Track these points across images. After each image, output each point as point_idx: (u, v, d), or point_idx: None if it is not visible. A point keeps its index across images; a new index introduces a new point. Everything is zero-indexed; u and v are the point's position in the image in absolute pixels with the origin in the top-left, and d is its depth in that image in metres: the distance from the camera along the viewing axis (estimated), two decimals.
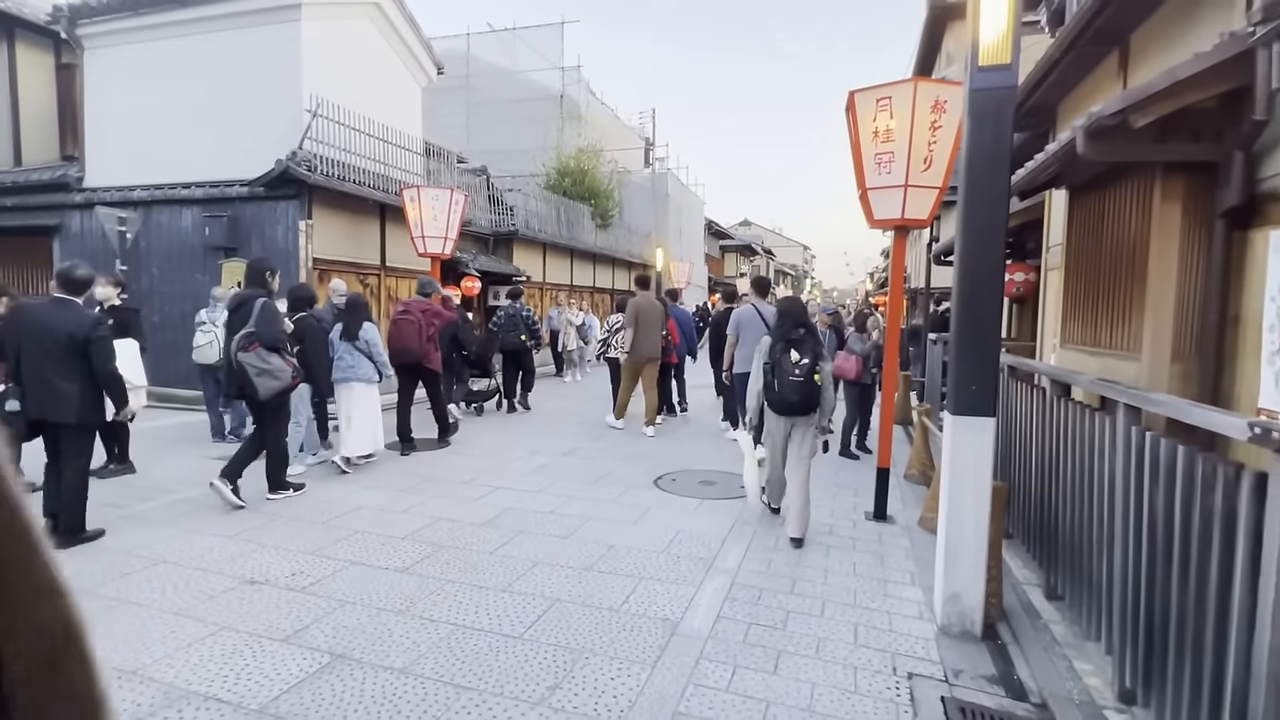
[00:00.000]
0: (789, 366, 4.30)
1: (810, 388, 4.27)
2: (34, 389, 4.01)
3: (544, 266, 15.81)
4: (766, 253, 53.38)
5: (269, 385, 4.77)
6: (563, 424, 8.45)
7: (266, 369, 4.76)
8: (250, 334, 4.76)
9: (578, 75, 22.72)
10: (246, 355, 4.73)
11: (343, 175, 9.29)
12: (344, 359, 5.89)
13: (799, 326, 4.44)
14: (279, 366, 4.82)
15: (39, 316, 4.06)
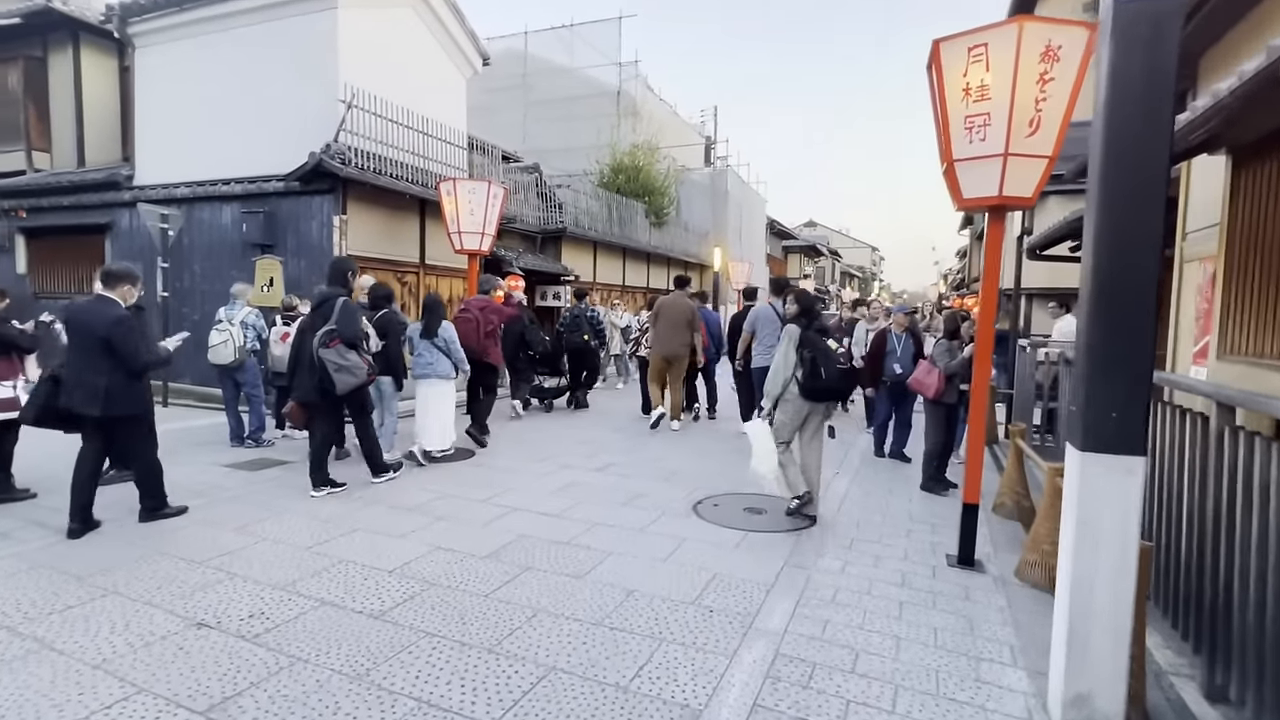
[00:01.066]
0: (834, 355, 4.51)
1: (852, 374, 4.81)
2: (69, 382, 4.13)
3: (594, 266, 15.25)
4: (832, 254, 51.54)
5: (346, 381, 4.94)
6: (602, 432, 7.78)
7: (345, 365, 4.94)
8: (331, 330, 4.93)
9: (635, 70, 22.16)
10: (327, 351, 4.91)
11: (379, 169, 8.92)
12: (423, 356, 6.04)
13: (810, 316, 4.72)
14: (356, 363, 5.01)
15: (80, 314, 4.20)
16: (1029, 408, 6.72)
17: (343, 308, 5.03)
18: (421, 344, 6.08)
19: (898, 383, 6.47)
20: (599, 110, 21.27)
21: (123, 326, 4.13)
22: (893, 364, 6.57)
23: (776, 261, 36.09)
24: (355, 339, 5.05)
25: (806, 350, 4.51)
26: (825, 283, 46.91)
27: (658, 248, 18.31)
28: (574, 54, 22.64)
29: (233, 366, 6.25)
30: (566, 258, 13.82)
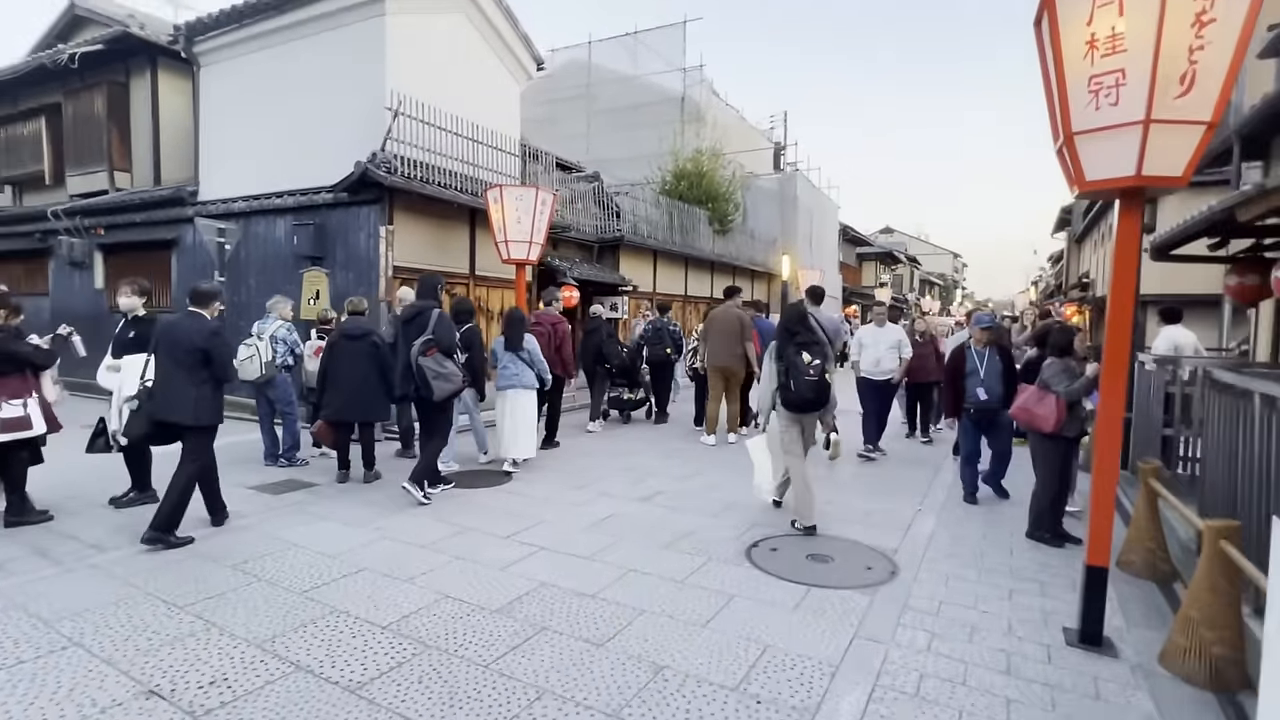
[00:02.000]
0: (803, 367, 4.62)
1: (824, 386, 4.63)
2: (160, 392, 4.32)
3: (654, 275, 14.68)
4: (910, 261, 49.23)
5: (444, 387, 5.17)
6: (651, 456, 7.15)
7: (443, 372, 5.17)
8: (429, 340, 5.18)
9: (700, 75, 21.56)
10: (426, 360, 5.13)
11: (427, 178, 8.66)
12: (508, 368, 6.25)
13: (802, 330, 4.76)
14: (453, 371, 5.25)
15: (170, 328, 4.43)
16: (1153, 438, 5.64)
17: (439, 319, 5.31)
18: (506, 356, 6.27)
19: (984, 410, 5.46)
20: (663, 118, 20.78)
21: (219, 339, 4.39)
22: (975, 387, 5.49)
23: (850, 269, 34.58)
24: (452, 348, 5.33)
25: (781, 364, 4.74)
26: (903, 291, 44.75)
27: (722, 256, 17.57)
28: (638, 61, 22.30)
29: (261, 383, 5.99)
30: (625, 267, 13.31)
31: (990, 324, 5.77)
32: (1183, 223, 5.77)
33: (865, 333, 7.57)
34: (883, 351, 7.27)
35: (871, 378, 7.34)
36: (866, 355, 7.37)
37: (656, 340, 9.34)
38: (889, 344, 7.29)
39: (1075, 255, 19.93)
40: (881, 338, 7.36)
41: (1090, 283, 15.13)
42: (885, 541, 4.55)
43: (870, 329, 7.58)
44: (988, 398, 5.43)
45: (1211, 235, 5.78)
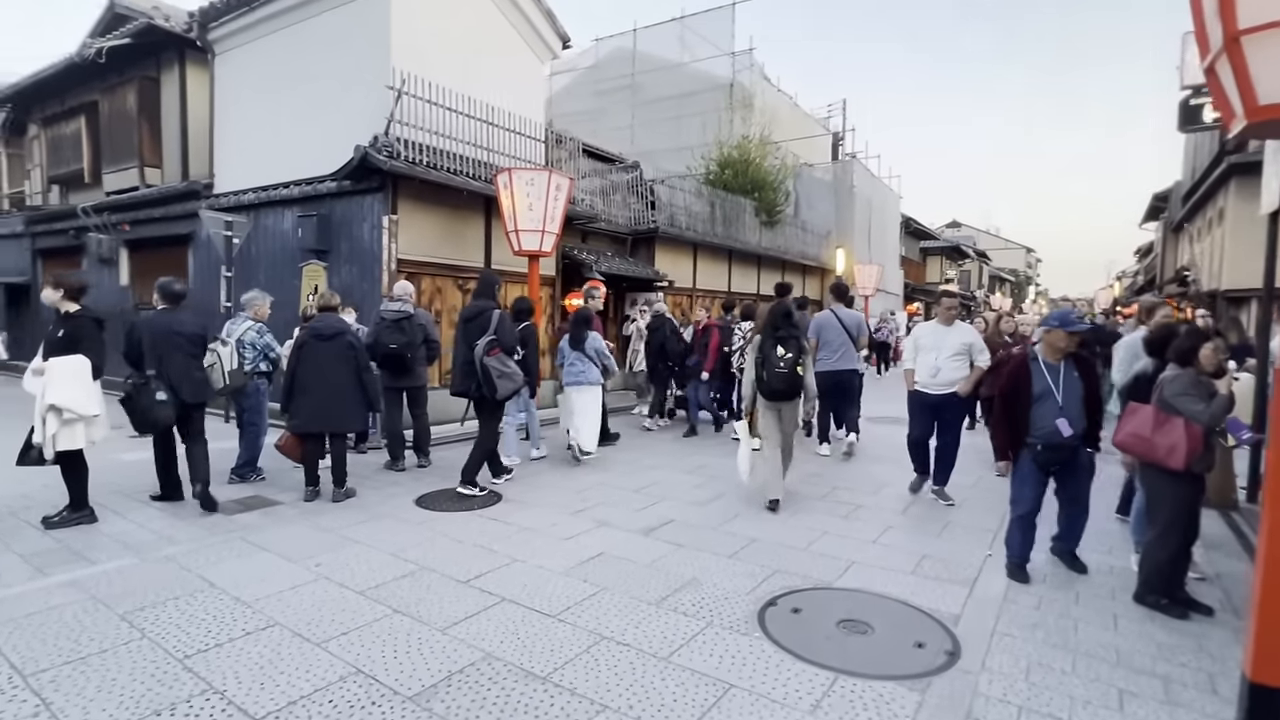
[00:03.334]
0: (775, 360, 5.05)
1: (793, 378, 5.04)
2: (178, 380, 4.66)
3: (694, 270, 13.72)
4: (979, 255, 46.46)
5: (507, 386, 5.28)
6: (673, 471, 6.25)
7: (506, 372, 5.27)
8: (493, 340, 5.25)
9: (749, 60, 20.43)
10: (490, 359, 5.21)
11: (435, 163, 7.99)
12: (575, 365, 6.52)
13: (783, 327, 5.13)
14: (515, 370, 5.35)
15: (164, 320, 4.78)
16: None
17: (501, 319, 5.37)
18: (572, 354, 6.52)
19: (1058, 449, 3.75)
20: (711, 106, 19.75)
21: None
22: (1053, 417, 3.73)
23: (914, 265, 32.65)
24: (514, 348, 5.44)
25: (759, 356, 5.14)
26: (970, 288, 42.17)
27: (769, 250, 16.43)
28: (685, 48, 21.37)
29: (229, 393, 5.37)
30: (660, 261, 12.42)
31: (1078, 324, 3.80)
32: None
33: (924, 332, 5.62)
34: (945, 358, 5.32)
35: (928, 391, 5.39)
36: (923, 361, 5.43)
37: (726, 339, 8.48)
38: (955, 348, 5.32)
39: (1172, 246, 17.85)
40: (946, 340, 5.38)
41: (1192, 276, 13.34)
42: (943, 603, 3.53)
43: (930, 327, 5.63)
44: (1072, 432, 3.73)
45: None
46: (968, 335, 5.44)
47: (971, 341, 5.38)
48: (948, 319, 5.57)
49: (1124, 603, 3.57)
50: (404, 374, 6.17)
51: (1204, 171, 11.82)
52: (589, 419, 6.52)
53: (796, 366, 5.05)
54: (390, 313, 6.12)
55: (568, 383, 6.60)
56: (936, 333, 5.51)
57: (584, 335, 6.56)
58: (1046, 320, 3.79)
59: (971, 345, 5.36)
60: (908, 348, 5.71)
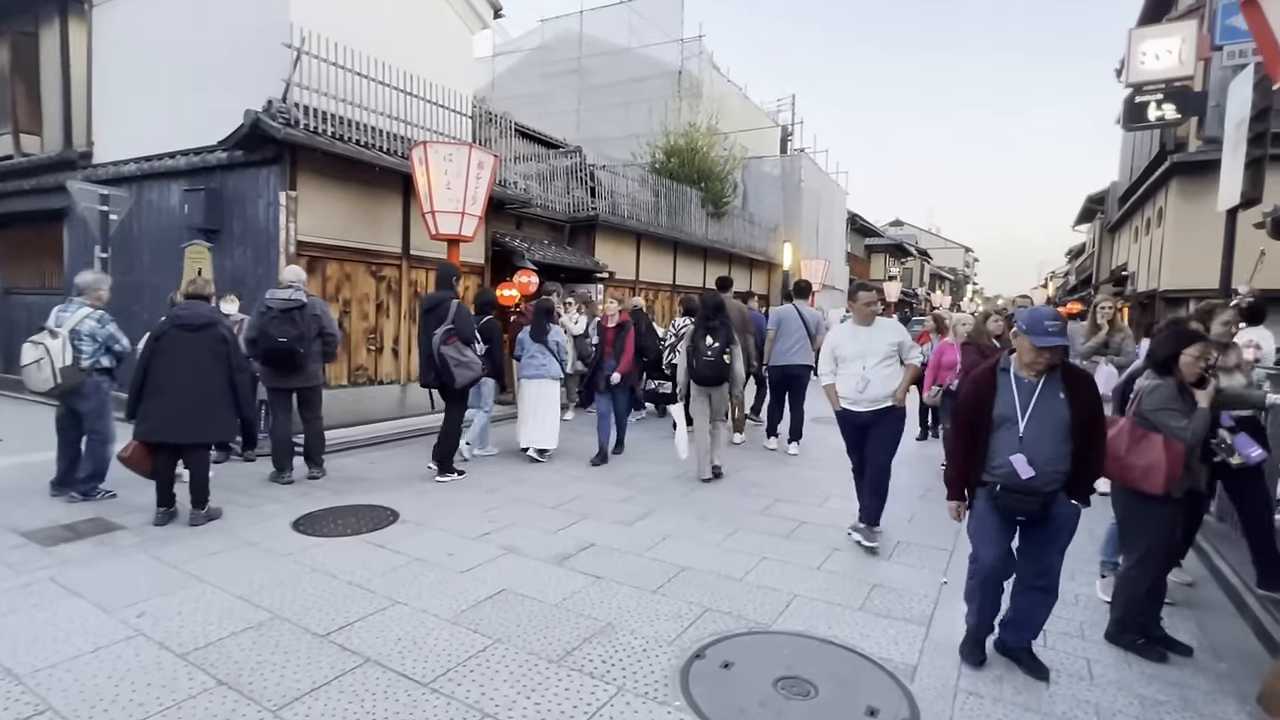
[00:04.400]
0: (704, 349, 5.52)
1: (720, 365, 5.49)
2: None
3: (637, 261, 13.12)
4: (921, 254, 47.42)
5: (465, 375, 5.35)
6: (601, 483, 5.64)
7: (464, 360, 5.34)
8: (450, 329, 5.32)
9: (698, 47, 19.91)
10: (447, 348, 5.28)
11: (344, 135, 7.14)
12: (535, 358, 6.27)
13: (714, 318, 5.59)
14: (473, 359, 5.42)
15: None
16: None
17: (458, 309, 5.43)
18: (534, 346, 6.27)
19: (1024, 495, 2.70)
20: (659, 93, 19.15)
21: None
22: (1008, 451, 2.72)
23: (859, 261, 32.90)
24: (470, 337, 5.47)
25: (689, 345, 5.60)
26: (913, 285, 42.96)
27: (716, 242, 15.97)
28: (633, 32, 20.69)
29: (62, 393, 4.46)
30: (601, 251, 11.76)
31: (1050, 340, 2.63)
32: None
33: (841, 337, 4.38)
34: (873, 366, 4.16)
35: (858, 410, 4.22)
36: (847, 373, 4.24)
37: None
38: (882, 352, 4.19)
39: (1108, 246, 18.23)
40: (870, 344, 4.22)
41: (1130, 275, 13.49)
42: (897, 648, 3.02)
43: (848, 330, 4.40)
44: (1033, 473, 2.66)
45: None
46: (894, 333, 4.31)
47: (900, 340, 4.28)
48: (866, 317, 4.31)
49: (1096, 642, 3.14)
50: (294, 372, 5.36)
51: (1143, 171, 11.89)
52: (549, 415, 6.31)
53: (723, 355, 5.49)
54: (278, 301, 5.29)
55: (526, 375, 6.33)
56: (857, 337, 4.29)
57: (547, 327, 6.32)
58: (1027, 323, 2.71)
59: (901, 345, 4.28)
60: (824, 358, 4.41)
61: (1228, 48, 5.24)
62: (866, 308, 4.30)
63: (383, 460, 6.32)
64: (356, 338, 7.64)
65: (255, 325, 5.26)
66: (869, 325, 4.31)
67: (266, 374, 5.35)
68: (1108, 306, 5.23)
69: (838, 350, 4.32)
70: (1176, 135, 10.25)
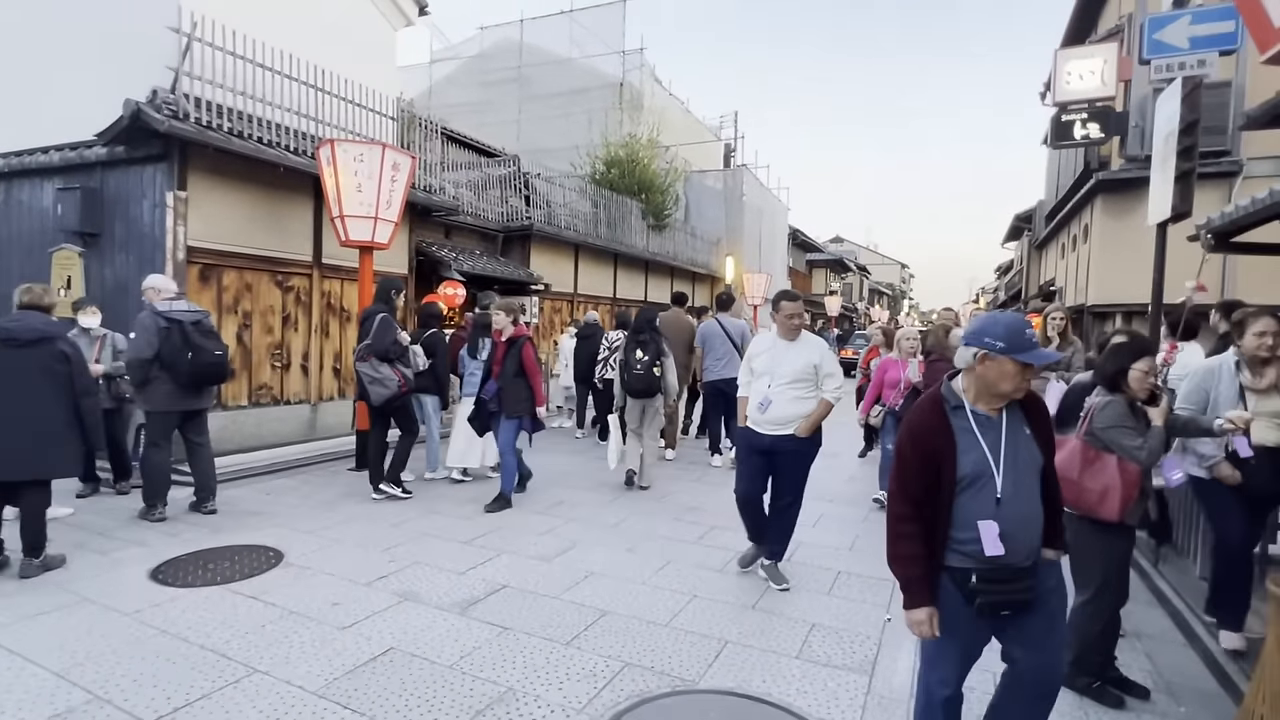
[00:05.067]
0: (634, 362, 5.73)
1: (650, 378, 5.71)
2: None
3: (575, 273, 12.71)
4: (860, 269, 48.60)
5: (379, 393, 5.19)
6: (517, 516, 5.17)
7: (377, 378, 5.18)
8: (367, 345, 5.20)
9: (640, 59, 19.79)
10: (362, 365, 5.20)
11: (246, 131, 6.52)
12: (474, 375, 5.88)
13: (645, 332, 5.80)
14: (388, 375, 5.22)
15: None
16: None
17: (380, 324, 5.24)
18: (472, 364, 5.97)
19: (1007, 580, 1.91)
20: (600, 104, 18.92)
21: None
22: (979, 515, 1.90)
23: (800, 276, 33.35)
24: (385, 353, 5.22)
25: (622, 358, 5.86)
26: (853, 300, 43.93)
27: (658, 255, 15.73)
28: (574, 43, 20.44)
29: None
30: (537, 262, 11.31)
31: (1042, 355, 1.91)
32: (1248, 204, 4.14)
33: (760, 348, 3.88)
34: (781, 386, 3.65)
35: (758, 431, 3.72)
36: (757, 389, 3.75)
37: None
38: (794, 372, 3.65)
39: (1036, 263, 18.85)
40: (784, 360, 3.70)
41: (1058, 290, 13.86)
42: (837, 707, 2.67)
43: (768, 341, 3.86)
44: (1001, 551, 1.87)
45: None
46: (814, 353, 3.71)
47: (818, 362, 3.66)
48: (789, 330, 3.75)
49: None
50: (200, 394, 4.83)
51: (1069, 189, 12.23)
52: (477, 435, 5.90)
53: (653, 367, 5.69)
54: (187, 314, 4.71)
55: (465, 393, 6.07)
56: (775, 350, 3.75)
57: (481, 342, 5.98)
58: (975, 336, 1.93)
59: (819, 366, 3.66)
60: (742, 370, 4.01)
61: (1155, 62, 5.24)
62: (789, 320, 3.74)
63: (282, 490, 5.68)
64: (259, 354, 6.96)
65: (173, 342, 4.59)
66: (791, 340, 3.78)
67: (174, 396, 4.67)
68: (1059, 318, 5.10)
69: (753, 361, 3.89)
70: (1100, 154, 10.56)
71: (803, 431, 3.62)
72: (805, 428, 3.62)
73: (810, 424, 3.64)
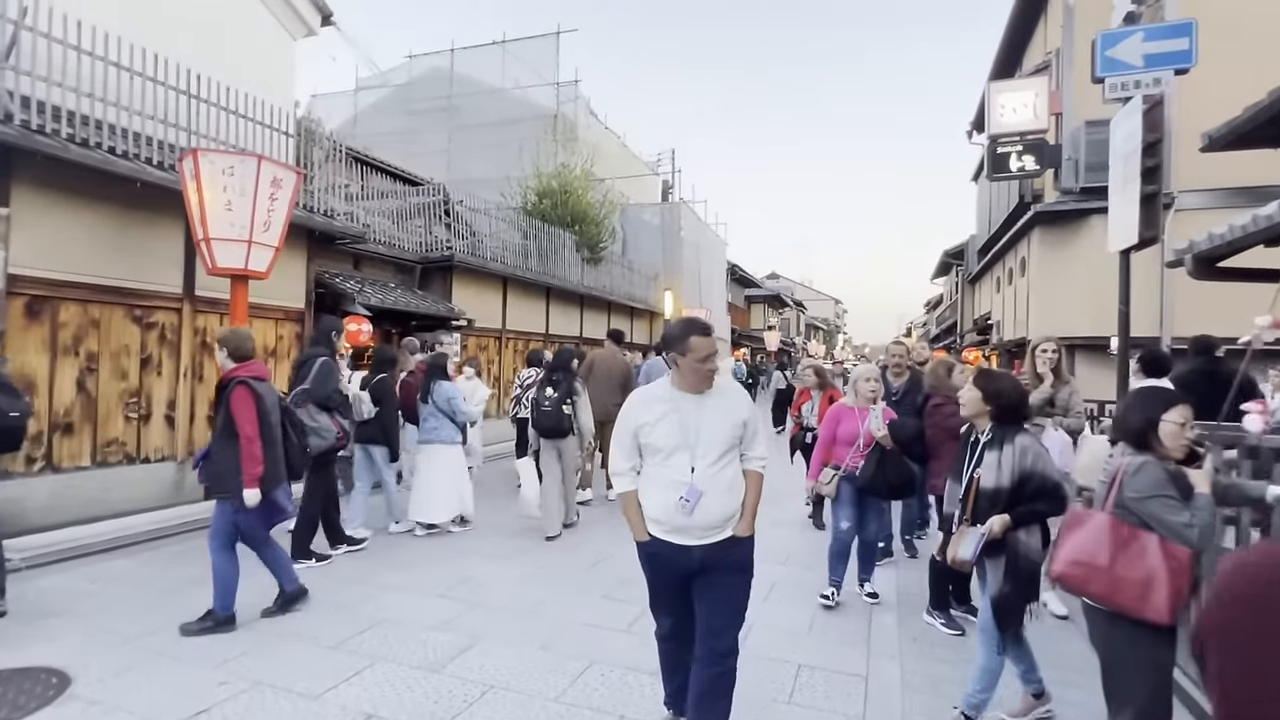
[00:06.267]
0: (543, 400, 5.55)
1: (559, 416, 5.49)
2: None
3: (504, 308, 11.85)
4: (797, 305, 49.36)
5: (315, 444, 4.58)
6: (406, 600, 4.24)
7: (314, 426, 4.65)
8: (304, 391, 4.72)
9: (575, 91, 19.41)
10: (301, 412, 4.49)
11: (95, 141, 5.51)
12: (427, 420, 5.74)
13: (557, 370, 5.70)
14: (325, 425, 4.77)
15: None
16: None
17: (320, 368, 4.80)
18: (424, 409, 5.77)
19: None
20: (533, 135, 18.35)
21: None
22: None
23: (739, 311, 33.34)
24: (324, 400, 4.81)
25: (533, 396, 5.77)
26: (790, 335, 44.39)
27: (593, 289, 15.05)
28: (506, 74, 19.94)
29: None
30: (460, 296, 10.41)
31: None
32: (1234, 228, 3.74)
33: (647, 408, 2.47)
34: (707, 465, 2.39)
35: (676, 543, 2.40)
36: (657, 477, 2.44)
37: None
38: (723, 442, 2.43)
39: (970, 297, 19.12)
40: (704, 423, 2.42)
41: (994, 324, 13.88)
42: None
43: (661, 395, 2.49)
44: None
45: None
46: (741, 407, 2.50)
47: (748, 418, 2.49)
48: (701, 380, 2.43)
49: None
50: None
51: (1003, 223, 12.27)
52: (436, 485, 5.64)
53: (562, 405, 5.51)
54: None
55: (420, 441, 5.87)
56: (681, 411, 2.42)
57: (431, 385, 5.72)
58: None
59: (746, 425, 2.49)
60: (623, 448, 2.53)
61: (1109, 80, 4.96)
62: (702, 365, 2.38)
63: (115, 576, 4.56)
64: (109, 403, 5.81)
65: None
66: (701, 393, 2.45)
67: None
68: (1051, 352, 4.09)
69: (643, 432, 2.44)
70: (1034, 187, 10.60)
71: (746, 529, 2.44)
72: (749, 523, 2.45)
73: (752, 515, 2.47)
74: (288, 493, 3.86)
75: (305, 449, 4.14)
